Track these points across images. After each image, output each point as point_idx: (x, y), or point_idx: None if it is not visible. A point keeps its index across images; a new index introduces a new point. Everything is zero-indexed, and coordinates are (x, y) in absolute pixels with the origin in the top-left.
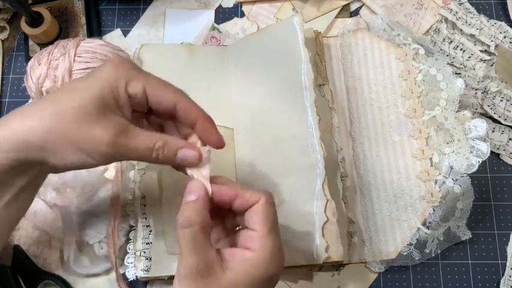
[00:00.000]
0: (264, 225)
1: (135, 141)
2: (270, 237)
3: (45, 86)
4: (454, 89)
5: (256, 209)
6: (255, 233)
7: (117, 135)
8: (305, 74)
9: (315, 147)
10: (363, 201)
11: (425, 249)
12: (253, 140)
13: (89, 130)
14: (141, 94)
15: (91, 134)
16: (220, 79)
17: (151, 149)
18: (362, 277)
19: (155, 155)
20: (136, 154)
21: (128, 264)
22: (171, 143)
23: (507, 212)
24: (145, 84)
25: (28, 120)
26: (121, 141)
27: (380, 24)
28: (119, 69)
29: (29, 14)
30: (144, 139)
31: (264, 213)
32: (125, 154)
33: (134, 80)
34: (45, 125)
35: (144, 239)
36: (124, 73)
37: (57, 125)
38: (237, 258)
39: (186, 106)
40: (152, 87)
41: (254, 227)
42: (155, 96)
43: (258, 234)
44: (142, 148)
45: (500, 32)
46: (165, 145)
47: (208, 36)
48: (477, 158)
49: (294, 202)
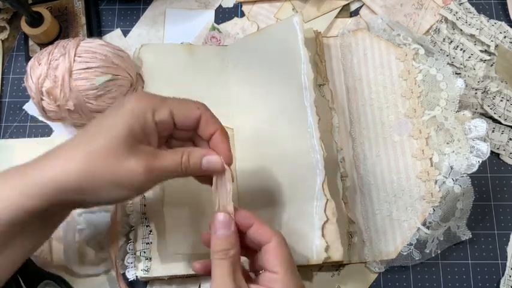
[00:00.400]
0: (283, 267)
1: (164, 161)
2: (292, 278)
3: (45, 86)
4: (454, 89)
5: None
6: (277, 275)
7: (149, 162)
8: (305, 74)
9: (315, 147)
10: (363, 201)
11: (425, 249)
12: (253, 140)
13: (123, 166)
14: (169, 118)
15: (125, 168)
16: (220, 79)
17: (179, 164)
18: (362, 277)
19: (184, 167)
20: (167, 173)
21: (128, 264)
22: (194, 153)
23: (507, 212)
24: (170, 107)
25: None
26: (153, 167)
27: (380, 24)
28: (142, 101)
29: (29, 14)
30: (171, 157)
31: (281, 255)
32: (158, 176)
33: (160, 108)
34: (80, 169)
35: (144, 239)
36: (148, 104)
37: (92, 168)
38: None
39: (208, 118)
40: (177, 108)
41: (275, 269)
42: (182, 115)
43: (280, 276)
44: (172, 165)
45: (500, 32)
46: (190, 156)
47: (208, 36)
48: (477, 158)
49: (293, 202)
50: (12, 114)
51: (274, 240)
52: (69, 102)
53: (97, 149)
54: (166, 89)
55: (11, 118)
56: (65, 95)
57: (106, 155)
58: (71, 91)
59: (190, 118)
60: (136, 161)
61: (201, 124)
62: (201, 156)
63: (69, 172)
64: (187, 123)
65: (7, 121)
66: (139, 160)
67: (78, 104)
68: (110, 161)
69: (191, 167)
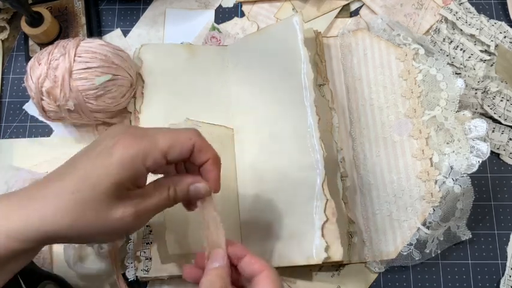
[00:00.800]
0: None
1: (152, 201)
2: None
3: (45, 86)
4: (454, 89)
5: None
6: None
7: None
8: (305, 74)
9: (315, 147)
10: (363, 201)
11: (425, 249)
12: (253, 140)
13: (112, 216)
14: (161, 159)
15: (114, 218)
16: (220, 79)
17: (167, 199)
18: (362, 277)
19: (172, 200)
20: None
21: (128, 264)
22: (181, 184)
23: (507, 212)
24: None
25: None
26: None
27: (380, 24)
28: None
29: (29, 14)
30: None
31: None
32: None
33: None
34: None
35: (144, 239)
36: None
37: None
38: None
39: (202, 147)
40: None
41: None
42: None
43: None
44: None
45: (500, 32)
46: (176, 188)
47: (208, 36)
48: (477, 158)
49: (293, 202)
50: (12, 114)
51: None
52: (69, 102)
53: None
54: (166, 88)
55: (11, 118)
56: (64, 95)
57: (95, 207)
58: (70, 91)
59: (184, 152)
60: (124, 209)
61: (194, 153)
62: (187, 185)
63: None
64: (181, 157)
65: (7, 121)
66: (126, 208)
67: (78, 104)
68: (99, 212)
69: (179, 197)
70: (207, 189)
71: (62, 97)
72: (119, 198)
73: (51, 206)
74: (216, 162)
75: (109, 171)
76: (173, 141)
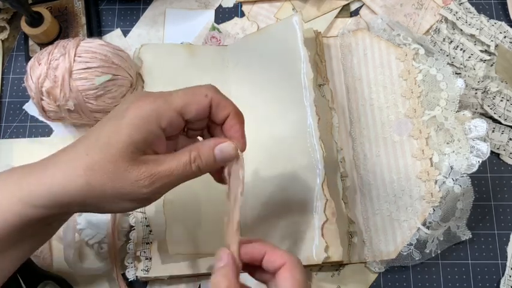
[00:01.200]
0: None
1: (170, 166)
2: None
3: (45, 86)
4: (454, 89)
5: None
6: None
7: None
8: (304, 74)
9: (314, 147)
10: (363, 201)
11: (425, 249)
12: (253, 140)
13: (125, 179)
14: (177, 119)
15: (128, 181)
16: (220, 79)
17: (188, 164)
18: (362, 277)
19: (195, 167)
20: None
21: (128, 264)
22: (203, 147)
23: (507, 212)
24: (176, 106)
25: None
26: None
27: (380, 24)
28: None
29: (29, 14)
30: (178, 159)
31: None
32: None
33: (165, 112)
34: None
35: (144, 239)
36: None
37: (93, 183)
38: None
39: (219, 102)
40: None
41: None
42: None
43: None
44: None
45: (500, 32)
46: (200, 152)
47: (208, 36)
48: (477, 158)
49: (293, 202)
50: (12, 114)
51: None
52: (69, 102)
53: (97, 164)
54: (166, 88)
55: (11, 118)
56: (64, 95)
57: (107, 169)
58: (70, 91)
59: (201, 109)
60: (138, 170)
61: (213, 110)
62: (212, 148)
63: (69, 189)
64: (198, 116)
65: (7, 121)
66: (142, 170)
67: (78, 104)
68: (112, 175)
69: (204, 163)
70: (235, 148)
71: (62, 97)
72: (134, 161)
73: (62, 170)
74: (238, 116)
75: (120, 131)
76: (188, 98)
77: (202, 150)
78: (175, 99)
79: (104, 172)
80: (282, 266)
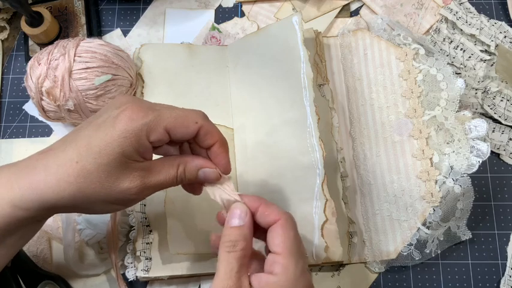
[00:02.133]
0: (285, 248)
1: (159, 176)
2: (292, 260)
3: (45, 86)
4: (454, 89)
5: (276, 230)
6: (277, 256)
7: (142, 180)
8: (304, 73)
9: (314, 146)
10: (363, 201)
11: (425, 249)
12: (253, 140)
13: (117, 186)
14: (164, 135)
15: (119, 189)
16: (220, 79)
17: (175, 177)
18: (362, 277)
19: (179, 179)
20: (162, 187)
21: (128, 264)
22: (190, 165)
23: (507, 212)
24: (166, 125)
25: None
26: (148, 184)
27: (380, 24)
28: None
29: (29, 14)
30: (167, 171)
31: (284, 235)
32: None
33: (154, 127)
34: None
35: (144, 239)
36: (142, 124)
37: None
38: (262, 283)
39: (207, 130)
40: (173, 125)
41: (275, 249)
42: (179, 132)
43: (280, 257)
44: (167, 179)
45: (500, 32)
46: (185, 168)
47: (208, 36)
48: (477, 158)
49: (293, 202)
50: (12, 114)
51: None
52: (68, 102)
53: (89, 173)
54: (166, 88)
55: (11, 118)
56: (64, 95)
57: (98, 177)
58: (70, 91)
59: (188, 133)
60: (130, 180)
61: (200, 136)
62: (197, 168)
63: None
64: (184, 138)
65: (7, 121)
66: (133, 179)
67: (78, 104)
68: (103, 183)
69: (187, 178)
70: (217, 175)
71: (61, 97)
72: (125, 169)
73: (54, 175)
74: (223, 145)
75: (112, 143)
76: (179, 121)
77: (189, 167)
78: (166, 118)
79: (96, 180)
80: (276, 222)
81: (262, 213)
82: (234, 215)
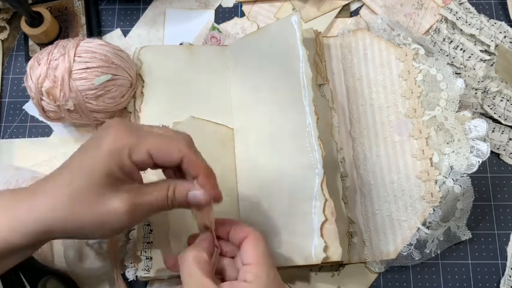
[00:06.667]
0: (255, 258)
1: (149, 198)
2: (263, 269)
3: (45, 86)
4: (454, 89)
5: (247, 244)
6: (248, 266)
7: (132, 201)
8: (303, 73)
9: (314, 146)
10: (363, 201)
11: (425, 250)
12: (253, 140)
13: (106, 207)
14: (146, 158)
15: (108, 209)
16: (220, 79)
17: (165, 199)
18: (362, 277)
19: (169, 202)
20: (153, 209)
21: (128, 264)
22: (180, 188)
23: (507, 212)
24: (148, 148)
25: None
26: (137, 205)
27: (380, 24)
28: (118, 141)
29: (29, 14)
30: (157, 193)
31: (254, 248)
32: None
33: (136, 148)
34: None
35: (144, 239)
36: (125, 142)
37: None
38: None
39: (191, 160)
40: (156, 150)
41: (247, 261)
42: (161, 158)
43: (251, 267)
44: (158, 201)
45: (500, 32)
46: (176, 190)
47: (208, 36)
48: (477, 158)
49: (292, 202)
50: (12, 114)
51: (250, 236)
52: (68, 102)
53: (80, 192)
54: (167, 88)
55: (11, 118)
56: (64, 95)
57: (89, 198)
58: (70, 91)
59: (171, 161)
60: (119, 201)
61: (184, 165)
62: (186, 190)
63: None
64: (167, 165)
65: (7, 121)
66: (122, 200)
67: (77, 104)
68: (93, 203)
69: (177, 201)
70: (207, 198)
71: (61, 97)
72: (114, 190)
73: (49, 199)
74: (208, 176)
75: (99, 162)
76: (161, 146)
77: (179, 189)
78: (149, 141)
79: (86, 201)
80: (245, 238)
81: (233, 232)
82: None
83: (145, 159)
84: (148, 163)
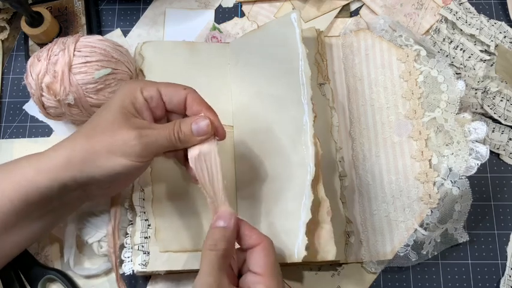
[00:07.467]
0: (268, 270)
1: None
2: (274, 281)
3: (45, 81)
4: (454, 91)
5: (259, 252)
6: (259, 277)
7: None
8: (302, 71)
9: (307, 144)
10: (361, 201)
11: (422, 251)
12: (252, 137)
13: (117, 135)
14: (156, 95)
15: (119, 137)
16: (220, 76)
17: (172, 132)
18: (362, 277)
19: (176, 136)
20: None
21: (125, 259)
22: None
23: (507, 212)
24: (157, 86)
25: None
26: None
27: (382, 25)
28: (132, 82)
29: (29, 14)
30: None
31: (266, 258)
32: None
33: (147, 86)
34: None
35: (142, 233)
36: (137, 83)
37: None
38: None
39: (194, 99)
40: (164, 87)
41: (258, 270)
42: (169, 94)
43: (262, 278)
44: (164, 133)
45: (500, 32)
46: (181, 124)
47: (209, 36)
48: (476, 160)
49: (285, 199)
50: (12, 114)
51: (263, 243)
52: (69, 97)
53: (97, 124)
54: None
55: (11, 118)
56: (64, 90)
57: (103, 129)
58: (70, 85)
59: (177, 97)
60: (128, 129)
61: (188, 104)
62: (190, 123)
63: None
64: (174, 102)
65: (7, 121)
66: (131, 129)
67: (78, 98)
68: (107, 133)
69: (183, 132)
70: (209, 125)
71: (62, 91)
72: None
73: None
74: (211, 110)
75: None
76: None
77: (183, 124)
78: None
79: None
80: (258, 245)
81: (244, 234)
82: (220, 217)
83: (155, 94)
84: (157, 100)
